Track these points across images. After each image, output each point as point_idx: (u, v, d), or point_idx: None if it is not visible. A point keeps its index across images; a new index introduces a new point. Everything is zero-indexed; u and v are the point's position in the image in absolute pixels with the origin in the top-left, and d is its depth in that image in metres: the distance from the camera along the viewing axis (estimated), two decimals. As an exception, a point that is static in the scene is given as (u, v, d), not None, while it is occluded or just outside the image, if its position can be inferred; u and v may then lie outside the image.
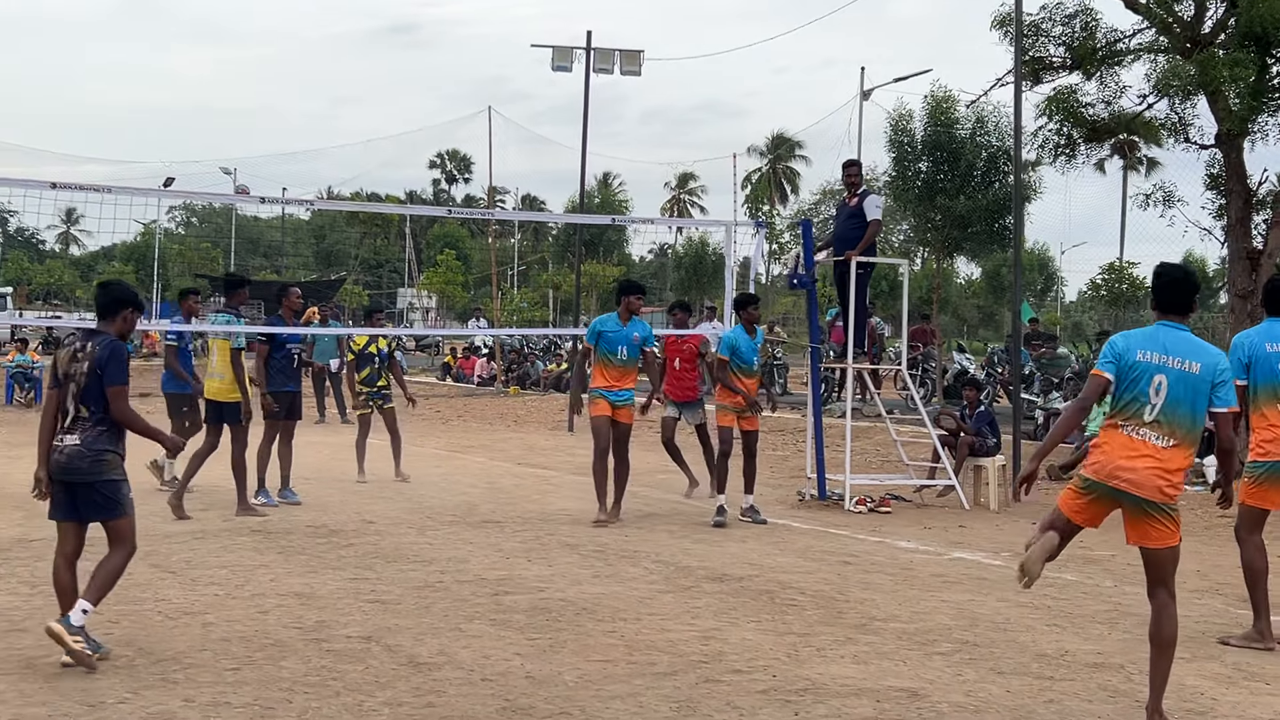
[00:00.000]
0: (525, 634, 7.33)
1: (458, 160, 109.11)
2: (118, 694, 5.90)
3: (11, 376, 25.61)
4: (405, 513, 11.88)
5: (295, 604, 7.94)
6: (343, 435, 19.83)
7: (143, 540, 9.90)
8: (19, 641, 6.83)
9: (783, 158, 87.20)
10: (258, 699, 5.91)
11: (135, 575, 8.61)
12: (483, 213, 23.72)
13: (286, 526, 10.95)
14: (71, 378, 6.68)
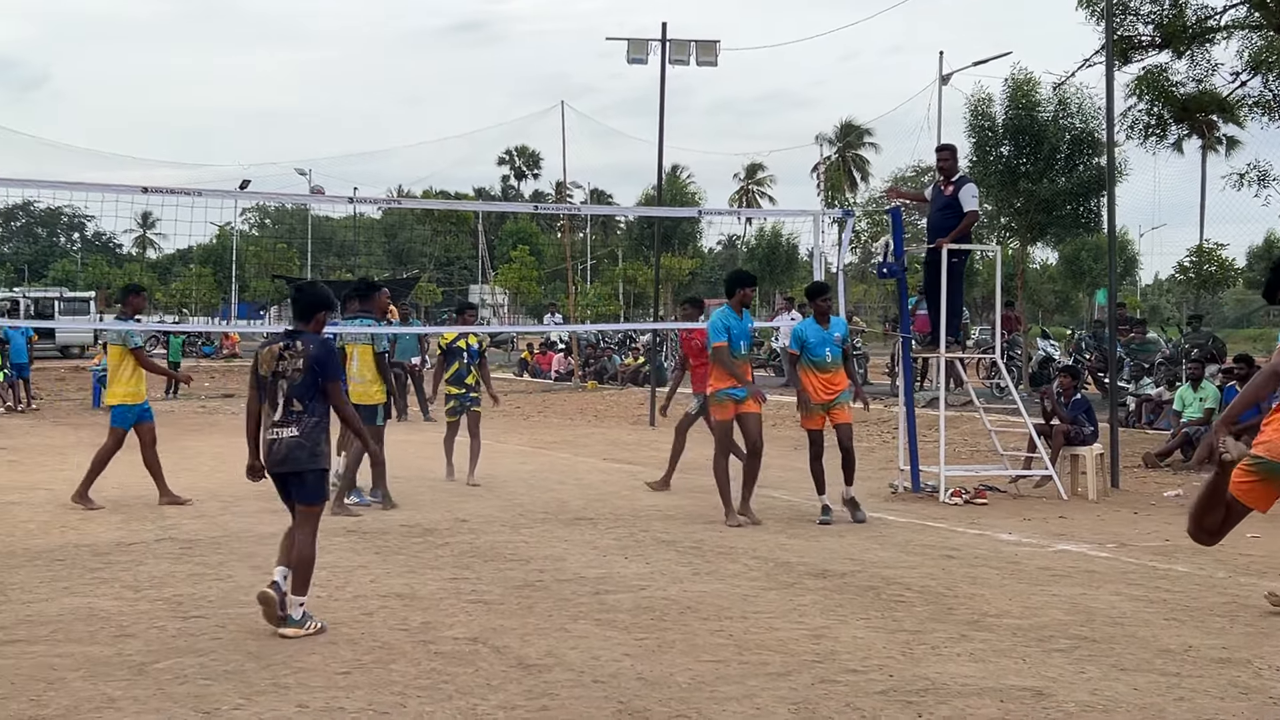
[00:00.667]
0: (632, 634, 7.23)
1: (526, 156, 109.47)
2: (232, 700, 5.86)
3: (99, 381, 25.91)
4: (497, 510, 11.83)
5: (398, 605, 7.89)
6: (425, 433, 19.88)
7: (242, 543, 10.01)
8: (128, 646, 6.82)
9: (852, 145, 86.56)
10: (371, 703, 5.85)
11: (238, 579, 8.66)
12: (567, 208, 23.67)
13: (381, 526, 10.94)
14: (282, 375, 7.23)
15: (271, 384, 7.27)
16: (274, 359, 7.30)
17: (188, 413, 24.55)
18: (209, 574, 8.80)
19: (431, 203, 49.39)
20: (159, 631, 7.15)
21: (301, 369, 7.19)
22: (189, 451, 17.02)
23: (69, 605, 7.77)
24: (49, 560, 9.24)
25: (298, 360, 7.21)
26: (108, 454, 12.25)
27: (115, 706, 5.75)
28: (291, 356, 7.24)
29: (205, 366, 41.70)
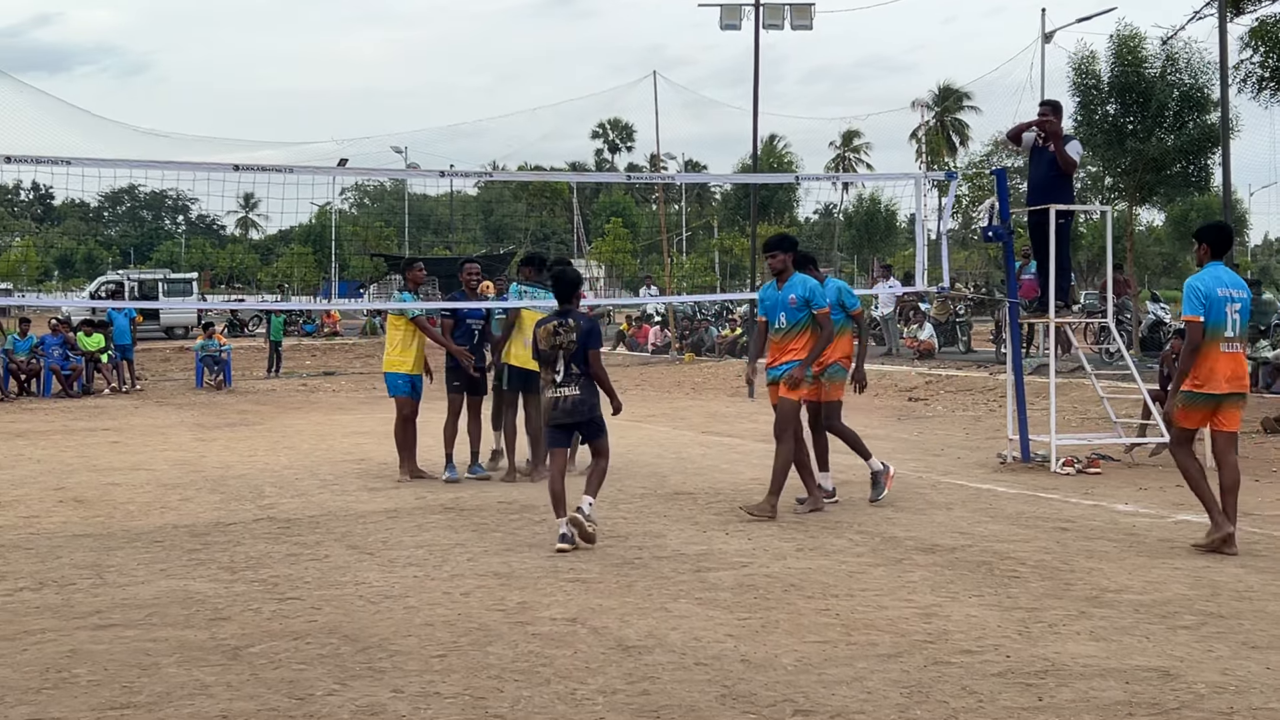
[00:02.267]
0: (734, 613, 6.99)
1: (620, 129, 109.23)
2: (326, 685, 5.72)
3: (201, 360, 26.21)
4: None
5: (495, 584, 7.72)
6: (523, 408, 19.81)
7: (340, 522, 9.92)
8: (222, 630, 6.73)
9: (950, 109, 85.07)
10: (468, 688, 5.68)
11: (333, 558, 8.56)
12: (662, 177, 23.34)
13: (478, 503, 10.80)
14: (559, 347, 8.87)
15: (551, 354, 8.91)
16: (551, 335, 8.92)
17: (289, 390, 24.74)
18: (306, 554, 8.71)
19: (526, 175, 49.36)
20: (254, 614, 7.05)
21: (576, 341, 8.84)
22: (290, 429, 17.09)
23: (165, 588, 7.71)
24: (147, 542, 9.22)
25: (572, 334, 8.84)
26: (403, 425, 12.59)
27: (208, 693, 5.63)
28: (566, 331, 8.86)
29: (306, 345, 42.12)
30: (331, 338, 47.09)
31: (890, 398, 20.73)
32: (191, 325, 43.33)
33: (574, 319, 8.96)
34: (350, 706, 5.44)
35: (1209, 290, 8.64)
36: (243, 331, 45.55)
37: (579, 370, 8.89)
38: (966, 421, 17.36)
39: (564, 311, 9.05)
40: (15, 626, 6.80)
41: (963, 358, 25.90)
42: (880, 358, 27.19)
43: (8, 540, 9.29)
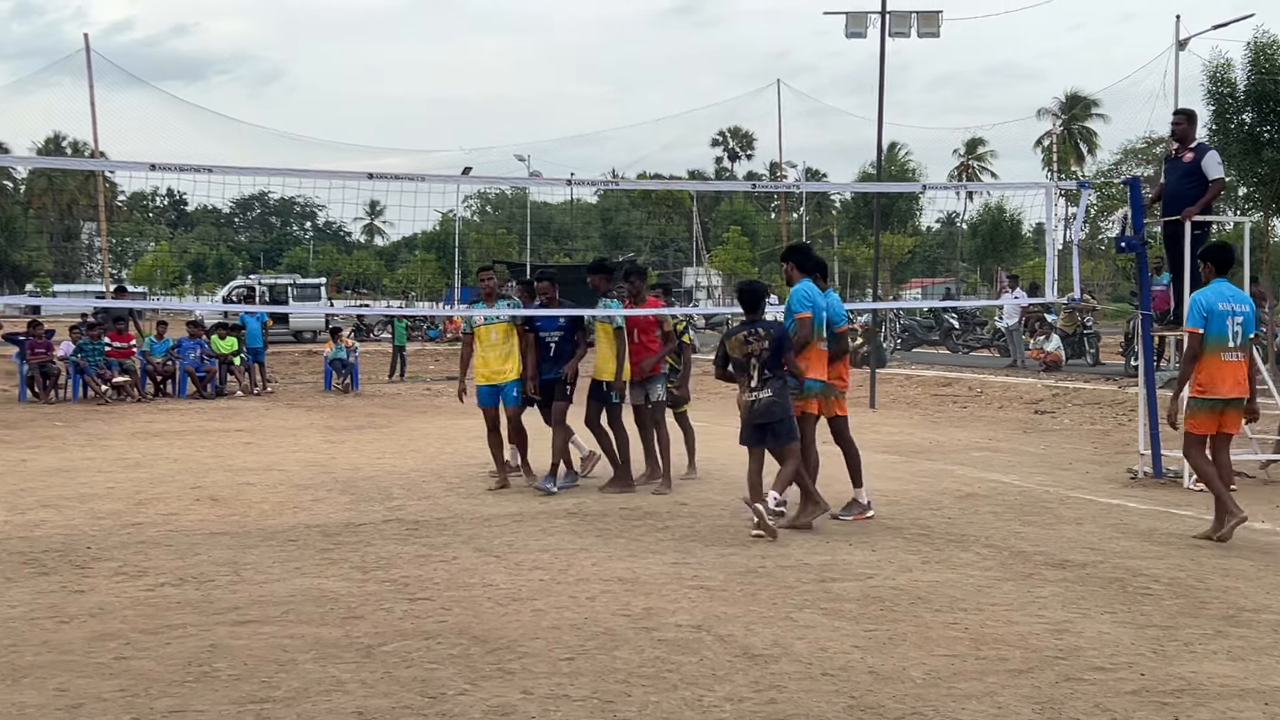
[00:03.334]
0: (860, 624, 6.96)
1: (740, 137, 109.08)
2: (457, 685, 5.82)
3: (330, 364, 26.71)
4: (717, 494, 11.65)
5: (620, 590, 7.78)
6: (644, 415, 19.88)
7: (467, 525, 10.07)
8: (356, 628, 6.87)
9: (1078, 117, 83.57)
10: (596, 691, 5.73)
11: (461, 560, 8.69)
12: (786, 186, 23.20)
13: (601, 509, 10.88)
14: (752, 354, 9.61)
15: (744, 361, 9.65)
16: (742, 343, 9.68)
17: (414, 395, 25.13)
18: (434, 555, 8.85)
19: (648, 184, 49.50)
20: (386, 614, 7.19)
21: (768, 348, 9.56)
22: (416, 432, 17.36)
23: (300, 586, 7.90)
24: (282, 540, 9.44)
25: (764, 341, 9.59)
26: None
27: (343, 689, 5.76)
28: (757, 340, 9.61)
29: (430, 350, 42.72)
30: (454, 343, 47.70)
31: (1016, 410, 20.43)
32: (319, 329, 44.21)
33: (763, 327, 9.71)
34: (481, 706, 5.53)
35: (1210, 305, 9.51)
36: (368, 336, 46.36)
37: (771, 374, 9.59)
38: (1095, 435, 17.03)
39: (752, 321, 9.77)
40: (157, 621, 7.02)
41: (1091, 370, 25.44)
42: (1005, 370, 26.81)
43: (148, 537, 9.58)
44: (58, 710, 5.48)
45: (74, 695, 5.67)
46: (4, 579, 8.08)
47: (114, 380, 23.11)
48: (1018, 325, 28.20)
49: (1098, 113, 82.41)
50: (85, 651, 6.39)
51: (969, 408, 21.22)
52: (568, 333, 12.07)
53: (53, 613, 7.20)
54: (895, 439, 16.56)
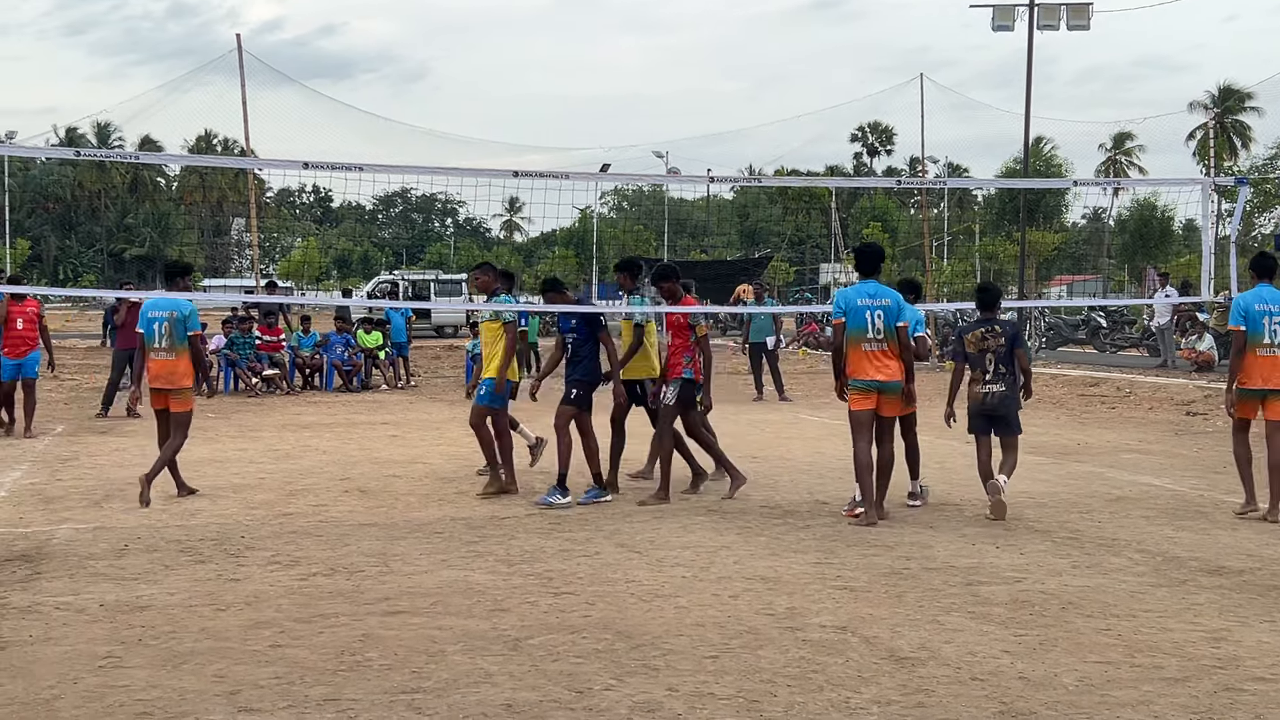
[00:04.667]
0: (1010, 629, 6.83)
1: (879, 132, 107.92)
2: (603, 680, 5.85)
3: (472, 359, 27.05)
4: (855, 494, 11.51)
5: (763, 588, 7.75)
6: (782, 412, 19.81)
7: (606, 519, 10.14)
8: (503, 621, 6.95)
9: (1231, 110, 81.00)
10: (741, 690, 5.72)
11: (603, 555, 8.74)
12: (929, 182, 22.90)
13: (741, 507, 10.85)
14: (988, 349, 10.39)
15: (979, 356, 10.42)
16: (980, 339, 10.46)
17: (549, 390, 25.30)
18: (577, 550, 8.92)
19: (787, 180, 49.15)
20: (531, 607, 7.26)
21: (1004, 344, 10.38)
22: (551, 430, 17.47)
23: (447, 578, 8.02)
24: (428, 533, 9.60)
25: (1000, 339, 10.39)
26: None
27: (491, 681, 5.84)
28: (994, 336, 10.41)
29: (567, 345, 43.07)
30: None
31: (1166, 411, 19.89)
32: (460, 325, 44.82)
33: (999, 325, 10.55)
34: (628, 702, 5.55)
35: (1248, 306, 10.56)
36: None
37: (1005, 370, 10.37)
38: (1250, 438, 16.48)
39: (988, 319, 10.59)
40: (311, 610, 7.18)
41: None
42: (1154, 370, 26.12)
43: (299, 527, 9.81)
44: (216, 696, 5.63)
45: (232, 682, 5.83)
46: (163, 566, 8.34)
47: (264, 373, 23.70)
48: (1169, 324, 27.45)
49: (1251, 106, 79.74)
50: (242, 639, 6.57)
51: (1117, 408, 20.70)
52: (582, 334, 11.30)
53: (210, 600, 7.41)
54: (1041, 440, 16.22)
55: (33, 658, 6.20)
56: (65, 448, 14.86)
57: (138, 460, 13.57)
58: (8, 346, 15.82)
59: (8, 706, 5.46)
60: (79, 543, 9.13)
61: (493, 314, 11.78)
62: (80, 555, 8.67)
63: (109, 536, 9.36)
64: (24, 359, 15.96)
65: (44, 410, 19.30)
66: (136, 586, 7.74)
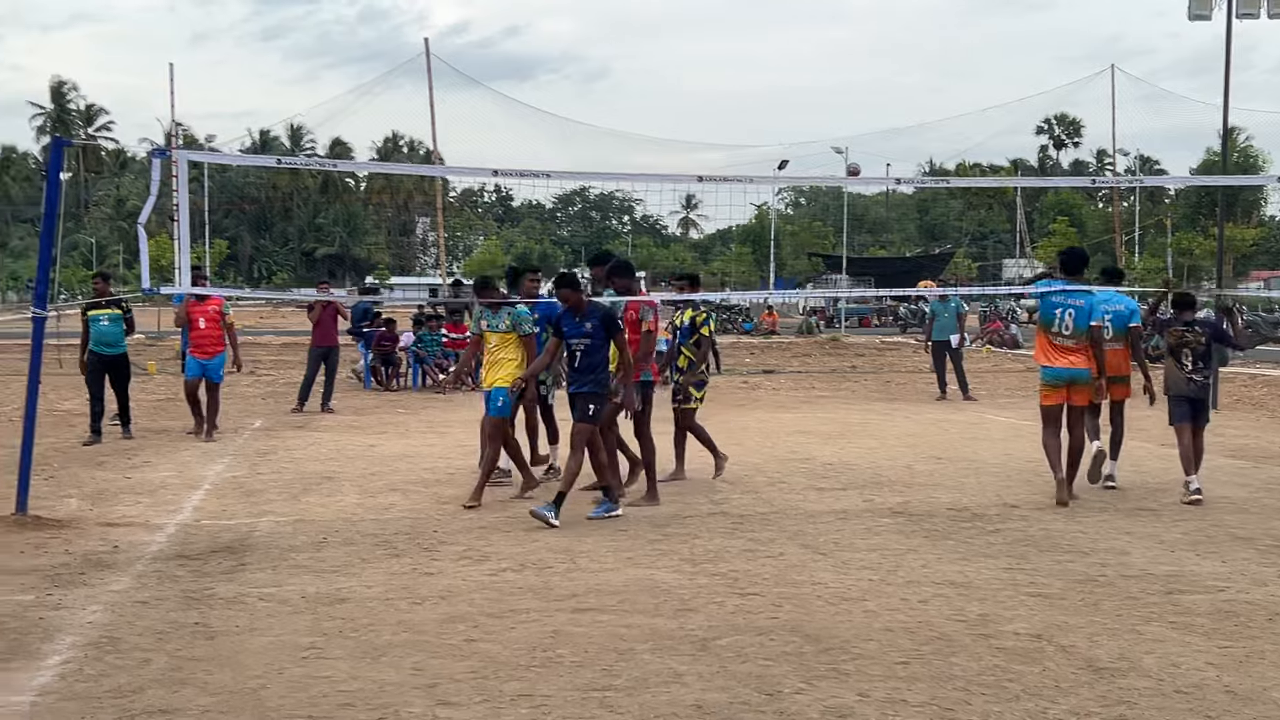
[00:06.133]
0: (1213, 640, 6.60)
1: (1066, 124, 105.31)
2: (792, 683, 5.83)
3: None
4: (1048, 497, 11.24)
5: (953, 594, 7.63)
6: (964, 413, 19.47)
7: (791, 520, 10.10)
8: (690, 621, 6.97)
9: None
10: (934, 698, 5.63)
11: (788, 556, 8.71)
12: (1128, 180, 22.18)
13: (928, 509, 10.70)
14: (1187, 344, 11.26)
15: (1179, 349, 11.28)
16: (1180, 335, 11.32)
17: (730, 387, 25.32)
18: (761, 550, 8.90)
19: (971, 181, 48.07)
20: (718, 607, 7.27)
21: (1204, 342, 11.28)
22: (735, 426, 17.48)
23: (633, 576, 8.08)
24: (612, 530, 9.68)
25: (1200, 337, 11.28)
26: None
27: (681, 681, 5.86)
28: (1194, 335, 11.28)
29: (745, 343, 43.03)
30: (768, 336, 47.92)
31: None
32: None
33: (1200, 325, 11.48)
34: (818, 706, 5.52)
35: None
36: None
37: (1204, 364, 11.31)
38: None
39: (1191, 320, 11.45)
40: (502, 605, 7.32)
41: None
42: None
43: (488, 522, 10.00)
44: (415, 689, 5.77)
45: (429, 675, 5.97)
46: (360, 559, 8.59)
47: (451, 369, 24.22)
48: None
49: None
50: (437, 633, 6.72)
51: None
52: (598, 339, 10.36)
53: (406, 594, 7.60)
54: (1241, 443, 15.64)
55: (240, 647, 6.45)
56: (264, 442, 15.41)
57: (332, 454, 14.03)
58: (193, 346, 15.77)
59: (218, 695, 5.68)
60: (280, 535, 9.47)
61: (509, 325, 11.25)
62: (281, 547, 8.99)
63: (308, 529, 9.68)
64: (209, 360, 15.70)
65: (241, 405, 20.11)
66: (335, 579, 7.99)
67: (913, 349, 39.03)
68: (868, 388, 25.55)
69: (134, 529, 9.69)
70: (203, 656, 6.26)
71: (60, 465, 13.14)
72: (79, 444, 14.71)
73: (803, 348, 41.23)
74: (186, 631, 6.73)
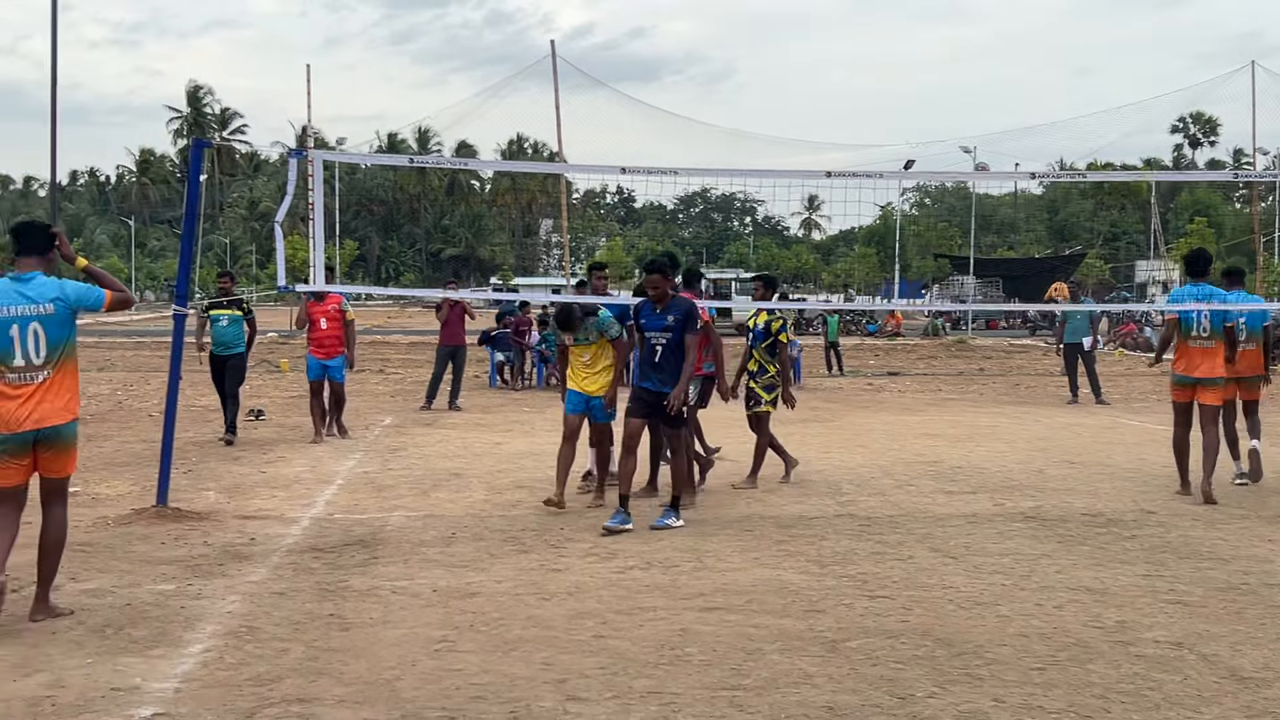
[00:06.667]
0: (1365, 653, 6.36)
1: (1202, 122, 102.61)
2: (925, 687, 5.74)
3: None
4: (1189, 503, 10.96)
5: (1089, 600, 7.46)
6: (1097, 417, 19.07)
7: (919, 523, 9.99)
8: (819, 622, 6.91)
9: None
10: (1071, 704, 5.51)
11: (917, 559, 8.60)
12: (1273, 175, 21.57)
13: (1061, 514, 10.48)
14: None
15: None
16: None
17: (855, 389, 25.13)
18: (889, 553, 8.80)
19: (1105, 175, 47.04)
20: (847, 609, 7.20)
21: None
22: (860, 427, 17.34)
23: (760, 576, 8.04)
24: (738, 530, 9.65)
25: None
26: None
27: (811, 683, 5.81)
28: None
29: (869, 345, 42.67)
30: (893, 338, 47.44)
31: None
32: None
33: None
34: (952, 711, 5.43)
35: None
36: (807, 331, 46.76)
37: None
38: None
39: None
40: (630, 603, 7.33)
41: None
42: None
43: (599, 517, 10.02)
44: (545, 684, 5.81)
45: (559, 670, 6.00)
46: (489, 555, 8.67)
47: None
48: None
49: None
50: (566, 628, 6.75)
51: None
52: (678, 334, 9.79)
53: (535, 589, 7.65)
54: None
55: (374, 639, 6.55)
56: (394, 438, 15.65)
57: (460, 451, 14.20)
58: (314, 345, 15.63)
59: (354, 685, 5.77)
60: (410, 529, 9.61)
61: (596, 336, 10.80)
62: (412, 542, 9.11)
63: (438, 524, 9.80)
64: (330, 360, 15.52)
65: (371, 402, 20.46)
66: (465, 573, 8.07)
67: (1042, 351, 38.36)
68: (996, 390, 25.15)
69: (269, 522, 9.91)
70: (338, 647, 6.37)
71: (198, 459, 13.49)
72: (216, 439, 15.06)
73: (928, 349, 40.76)
74: (322, 622, 6.85)
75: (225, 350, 15.44)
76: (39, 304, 6.89)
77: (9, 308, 6.85)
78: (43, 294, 6.92)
